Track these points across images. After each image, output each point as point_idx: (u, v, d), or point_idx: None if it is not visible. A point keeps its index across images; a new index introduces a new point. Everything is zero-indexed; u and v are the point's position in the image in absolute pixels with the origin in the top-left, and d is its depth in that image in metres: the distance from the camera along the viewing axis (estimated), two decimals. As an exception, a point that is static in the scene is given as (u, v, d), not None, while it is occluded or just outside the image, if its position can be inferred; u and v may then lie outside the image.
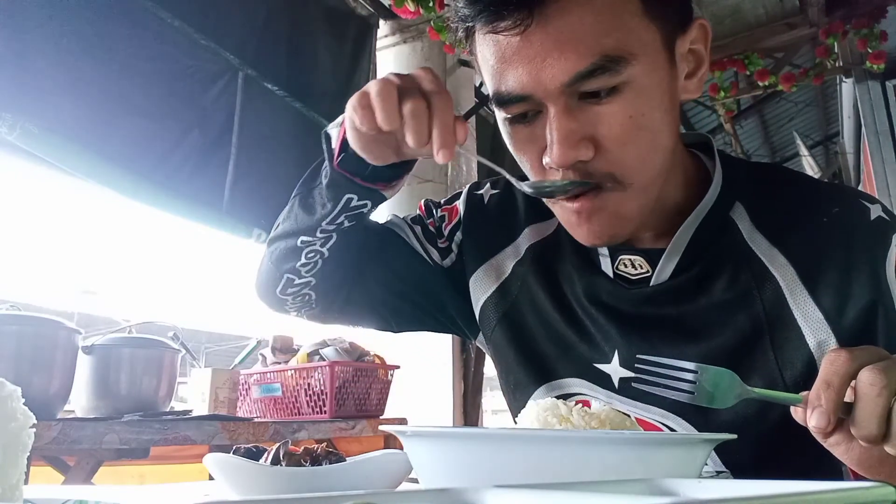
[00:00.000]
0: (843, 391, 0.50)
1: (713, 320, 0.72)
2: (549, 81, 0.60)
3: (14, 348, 1.45)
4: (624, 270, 0.75)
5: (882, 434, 0.48)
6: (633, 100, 0.61)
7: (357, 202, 0.77)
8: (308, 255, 0.81)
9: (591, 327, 0.77)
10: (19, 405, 0.50)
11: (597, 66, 0.59)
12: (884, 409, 0.48)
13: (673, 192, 0.73)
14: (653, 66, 0.62)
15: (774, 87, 4.15)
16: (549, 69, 0.60)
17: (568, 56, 0.59)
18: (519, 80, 0.62)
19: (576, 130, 0.62)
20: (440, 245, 0.89)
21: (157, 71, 2.53)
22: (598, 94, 0.61)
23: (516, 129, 0.67)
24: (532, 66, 0.60)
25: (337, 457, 0.72)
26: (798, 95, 6.08)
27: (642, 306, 0.74)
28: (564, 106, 0.61)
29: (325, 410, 2.24)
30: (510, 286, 0.84)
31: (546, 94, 0.61)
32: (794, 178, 0.78)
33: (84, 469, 1.57)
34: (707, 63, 0.69)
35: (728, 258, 0.72)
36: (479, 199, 0.90)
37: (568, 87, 0.60)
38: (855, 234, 0.69)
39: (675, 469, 0.46)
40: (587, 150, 0.62)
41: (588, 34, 0.59)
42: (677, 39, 0.65)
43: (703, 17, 0.67)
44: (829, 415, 0.49)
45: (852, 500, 0.30)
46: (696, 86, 0.69)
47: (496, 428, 0.54)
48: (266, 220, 2.89)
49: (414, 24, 3.97)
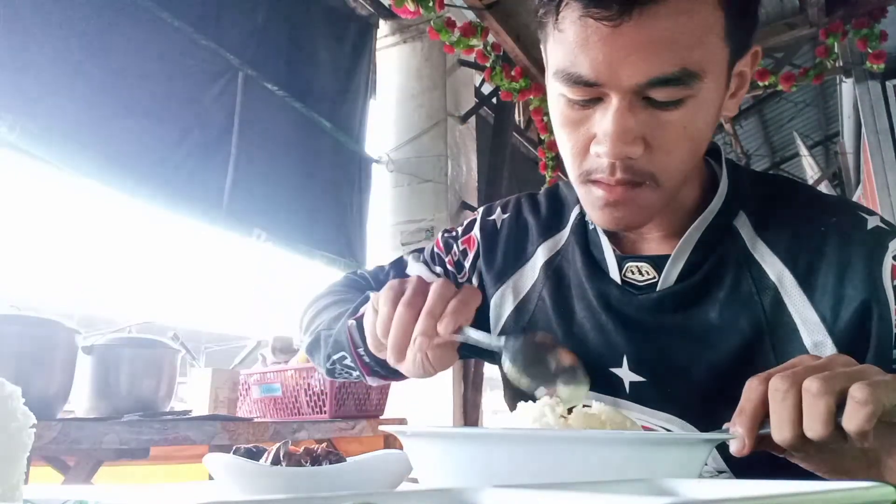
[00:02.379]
0: (757, 413, 0.52)
1: (716, 325, 0.73)
2: (624, 78, 0.61)
3: (14, 348, 1.45)
4: (631, 277, 0.77)
5: (798, 435, 0.49)
6: (692, 112, 0.63)
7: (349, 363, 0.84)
8: (341, 370, 0.88)
9: (602, 334, 0.79)
10: (19, 405, 0.50)
11: (674, 77, 0.61)
12: (791, 409, 0.49)
13: (688, 194, 0.76)
14: (717, 83, 0.64)
15: (774, 87, 4.15)
16: (630, 67, 0.61)
17: (651, 60, 0.60)
18: (595, 68, 0.62)
19: (633, 128, 0.63)
20: (461, 280, 0.91)
21: (157, 71, 2.53)
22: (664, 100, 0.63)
23: (572, 107, 0.67)
24: (614, 57, 0.61)
25: (337, 457, 0.72)
26: (798, 95, 6.09)
27: (650, 312, 0.76)
28: (630, 103, 0.63)
29: (325, 410, 2.24)
30: (528, 303, 0.86)
31: (617, 88, 0.62)
32: (796, 190, 0.80)
33: (84, 469, 1.57)
34: (747, 85, 0.72)
35: (730, 264, 0.74)
36: (492, 224, 0.92)
37: (639, 88, 0.62)
38: (852, 241, 0.71)
39: (675, 469, 0.46)
40: (638, 149, 0.64)
41: (675, 43, 0.60)
42: (738, 61, 0.68)
43: (757, 46, 0.70)
44: (744, 439, 0.52)
45: (852, 500, 0.30)
46: (734, 105, 0.71)
47: (496, 428, 0.54)
48: (266, 220, 2.89)
49: (414, 24, 3.97)
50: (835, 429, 0.49)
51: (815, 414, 0.48)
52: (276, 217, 2.99)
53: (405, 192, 3.87)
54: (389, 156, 3.92)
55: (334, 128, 3.49)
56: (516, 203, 0.93)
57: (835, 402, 0.48)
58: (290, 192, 3.11)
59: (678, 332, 0.75)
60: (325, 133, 3.45)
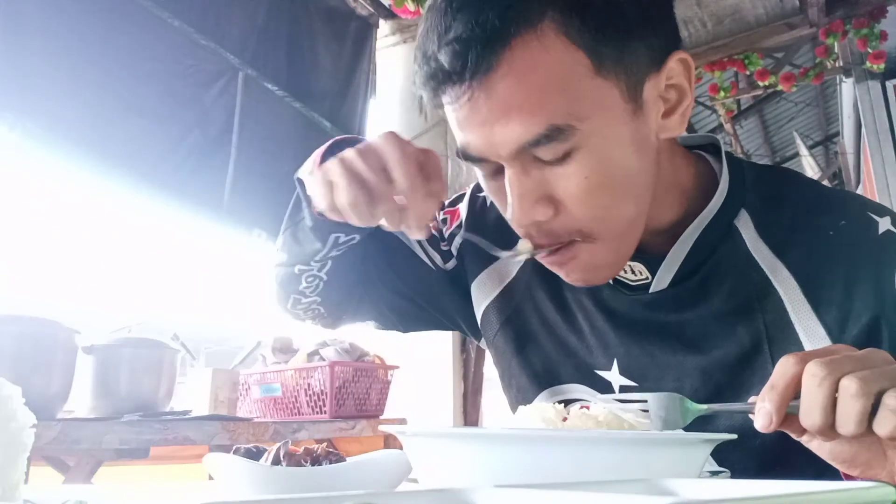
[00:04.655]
0: (788, 391, 0.50)
1: (712, 331, 0.70)
2: (499, 147, 0.60)
3: (14, 348, 1.45)
4: (623, 276, 0.74)
5: (828, 424, 0.48)
6: (587, 160, 0.60)
7: (345, 238, 0.76)
8: (308, 280, 0.82)
9: (592, 333, 0.77)
10: (19, 405, 0.50)
11: (542, 136, 0.58)
12: (825, 398, 0.48)
13: (665, 213, 0.71)
14: (610, 122, 0.60)
15: (774, 87, 4.15)
16: (497, 136, 0.59)
17: (513, 126, 0.58)
18: (473, 144, 0.62)
19: (532, 190, 0.61)
20: (442, 248, 0.89)
21: (157, 71, 2.53)
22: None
23: (487, 182, 0.68)
24: (481, 132, 0.60)
25: (337, 457, 0.72)
26: (798, 95, 6.08)
27: (640, 313, 0.73)
28: (520, 167, 0.61)
29: (325, 410, 2.23)
30: (513, 291, 0.83)
31: (499, 158, 0.61)
32: (801, 184, 0.76)
33: (84, 469, 1.57)
34: (691, 96, 0.65)
35: (730, 268, 0.71)
36: (481, 201, 0.89)
37: (519, 153, 0.60)
38: (861, 249, 0.67)
39: (675, 469, 0.46)
40: (546, 210, 0.62)
41: (533, 103, 0.58)
42: (646, 83, 0.62)
43: (682, 51, 0.64)
44: (771, 414, 0.50)
45: (852, 500, 0.30)
46: (677, 122, 0.65)
47: (496, 428, 0.54)
48: (266, 220, 2.89)
49: (414, 24, 3.97)
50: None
51: (850, 413, 0.47)
52: (277, 217, 2.96)
53: (405, 191, 3.87)
54: (389, 156, 3.91)
55: (334, 128, 3.49)
56: None
57: (870, 404, 0.47)
58: (290, 191, 3.08)
59: (671, 337, 0.72)
60: (325, 133, 3.45)
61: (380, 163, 0.63)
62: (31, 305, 2.03)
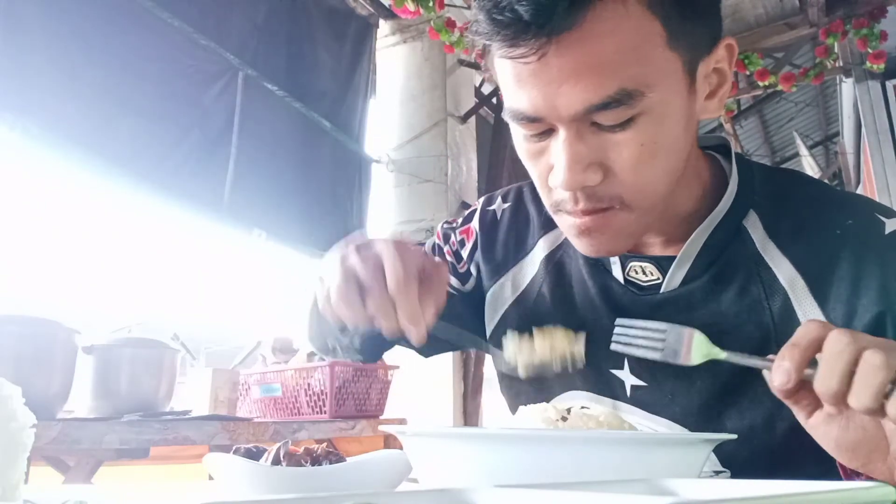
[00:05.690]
0: (809, 352, 0.50)
1: (723, 329, 0.71)
2: (562, 108, 0.60)
3: (14, 348, 1.45)
4: (634, 277, 0.75)
5: (842, 391, 0.48)
6: (646, 128, 0.61)
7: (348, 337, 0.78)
8: (342, 348, 0.83)
9: (604, 332, 0.77)
10: (19, 405, 0.50)
11: (612, 100, 0.58)
12: (846, 364, 0.48)
13: (686, 202, 0.73)
14: (671, 93, 0.61)
15: (774, 87, 4.15)
16: (564, 97, 0.59)
17: (584, 87, 0.58)
18: (533, 103, 0.61)
19: (585, 156, 0.61)
20: (460, 271, 0.90)
21: (157, 71, 2.53)
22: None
23: (528, 141, 0.66)
24: (547, 90, 0.60)
25: (337, 457, 0.72)
26: (798, 95, 6.08)
27: (652, 313, 0.74)
28: (576, 132, 0.61)
29: (325, 410, 2.24)
30: (527, 297, 0.84)
31: (558, 119, 0.61)
32: (809, 185, 0.76)
33: (84, 469, 1.57)
34: (730, 81, 0.68)
35: (739, 267, 0.72)
36: (492, 215, 0.90)
37: (581, 116, 0.60)
38: (868, 248, 0.68)
39: (675, 469, 0.46)
40: (595, 175, 0.62)
41: (607, 66, 0.58)
42: (700, 62, 0.64)
43: (730, 37, 0.66)
44: (791, 372, 0.50)
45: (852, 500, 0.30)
46: (716, 105, 0.67)
47: (496, 428, 0.54)
48: (266, 220, 2.90)
49: (414, 24, 3.97)
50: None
51: (869, 384, 0.46)
52: (276, 216, 2.99)
53: (405, 192, 3.87)
54: (389, 156, 3.92)
55: (334, 128, 3.49)
56: (517, 192, 0.90)
57: (890, 380, 0.46)
58: (290, 191, 3.11)
59: None
60: (325, 133, 3.45)
61: (376, 260, 0.62)
62: (31, 305, 2.03)
